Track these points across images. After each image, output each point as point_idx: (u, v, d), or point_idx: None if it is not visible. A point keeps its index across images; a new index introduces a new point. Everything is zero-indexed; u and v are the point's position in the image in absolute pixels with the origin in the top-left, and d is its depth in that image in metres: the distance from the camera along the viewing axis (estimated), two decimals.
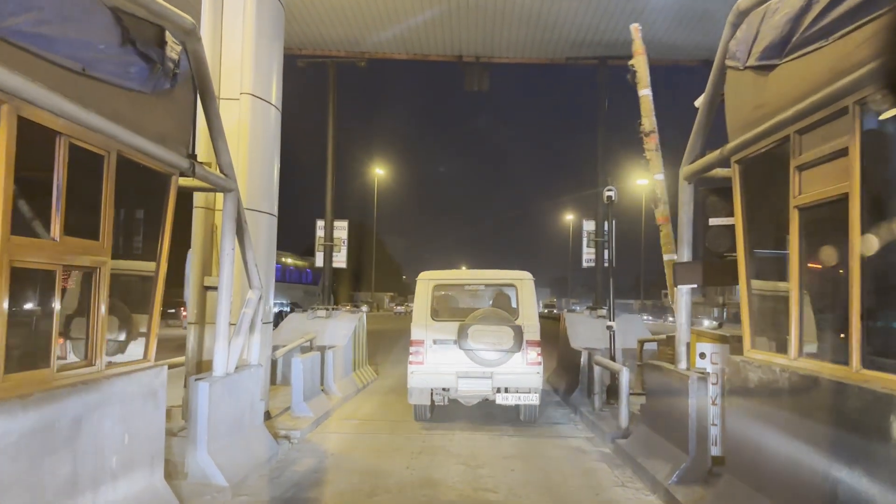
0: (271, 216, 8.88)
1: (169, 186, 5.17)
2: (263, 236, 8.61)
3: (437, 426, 9.11)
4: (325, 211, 14.53)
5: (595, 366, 9.69)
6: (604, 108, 14.50)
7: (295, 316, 14.12)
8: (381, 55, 15.06)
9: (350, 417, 9.76)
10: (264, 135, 8.78)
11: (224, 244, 6.35)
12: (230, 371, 6.49)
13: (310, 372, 9.57)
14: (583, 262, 14.60)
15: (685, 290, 6.32)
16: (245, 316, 6.93)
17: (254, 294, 7.13)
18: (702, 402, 5.84)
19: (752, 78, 4.85)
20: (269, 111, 8.87)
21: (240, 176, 8.22)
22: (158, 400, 4.94)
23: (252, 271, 7.08)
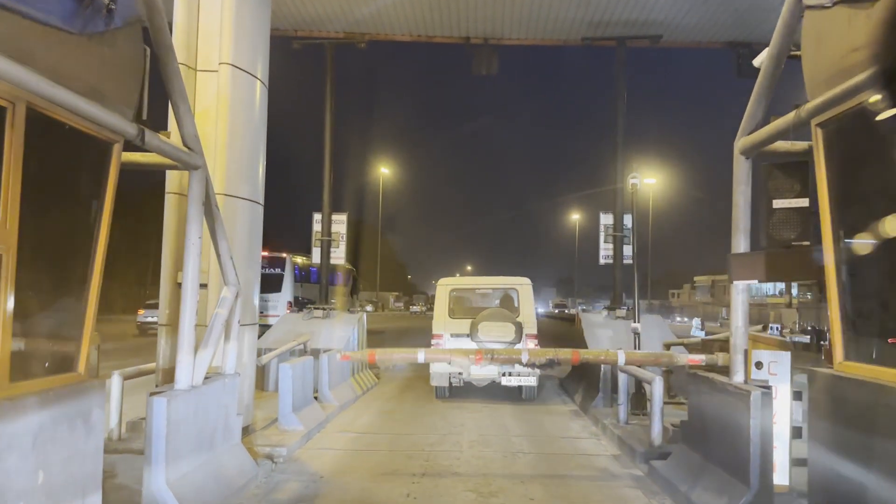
0: (254, 204, 7.87)
1: (109, 158, 4.15)
2: (243, 226, 7.60)
3: (443, 440, 8.08)
4: (322, 203, 13.51)
5: (620, 372, 8.64)
6: (623, 93, 13.40)
7: (290, 316, 13.12)
8: (383, 36, 14.01)
9: (346, 429, 8.73)
10: (247, 112, 7.77)
11: (189, 232, 5.33)
12: (197, 382, 5.47)
13: (300, 379, 8.55)
14: (600, 258, 13.52)
15: (742, 286, 5.26)
16: (218, 317, 5.91)
17: (229, 292, 6.11)
18: (767, 424, 4.78)
19: (847, 15, 3.79)
20: (252, 86, 7.86)
21: (217, 157, 7.22)
22: (92, 423, 3.93)
23: (226, 265, 6.06)
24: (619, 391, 8.68)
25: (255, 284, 8.03)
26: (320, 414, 8.99)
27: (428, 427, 8.96)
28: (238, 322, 6.31)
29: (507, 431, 8.77)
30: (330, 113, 13.48)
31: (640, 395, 9.31)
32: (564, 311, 69.39)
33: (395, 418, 9.60)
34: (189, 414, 5.24)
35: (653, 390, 7.17)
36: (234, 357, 6.25)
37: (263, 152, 8.21)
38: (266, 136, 8.30)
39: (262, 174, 8.20)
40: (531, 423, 9.37)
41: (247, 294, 7.72)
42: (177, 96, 5.03)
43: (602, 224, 13.47)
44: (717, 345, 8.16)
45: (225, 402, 5.95)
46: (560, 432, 8.80)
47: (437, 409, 10.36)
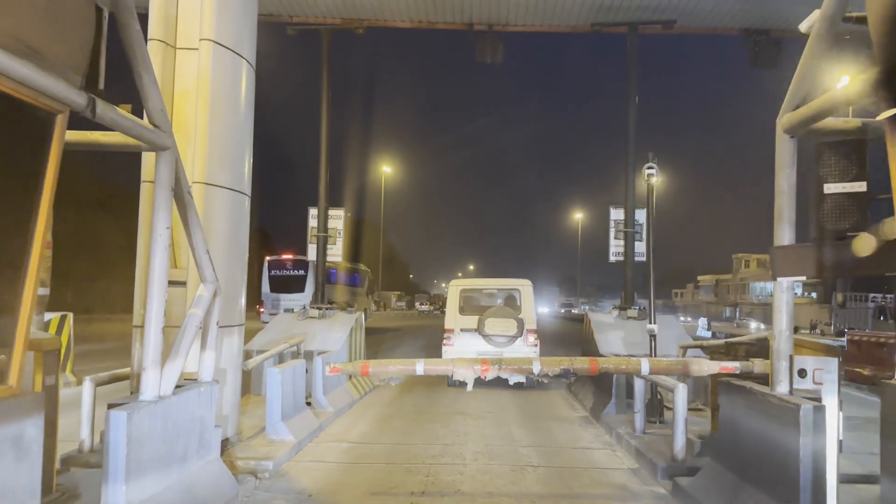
0: (240, 195, 7.22)
1: (50, 132, 3.51)
2: (226, 218, 6.95)
3: (445, 451, 7.43)
4: (318, 197, 12.86)
5: (636, 378, 7.99)
6: (634, 82, 12.73)
7: (284, 316, 12.48)
8: (382, 23, 13.36)
9: (340, 439, 8.09)
10: (231, 94, 7.12)
11: (156, 222, 4.69)
12: (166, 392, 4.83)
13: (290, 384, 7.91)
14: (609, 255, 12.85)
15: (786, 284, 4.61)
16: (192, 318, 5.27)
17: (205, 290, 5.47)
18: (819, 443, 4.13)
19: None
20: (238, 66, 7.21)
21: (198, 143, 6.59)
22: (23, 447, 3.28)
23: (202, 260, 5.41)
24: (634, 398, 8.04)
25: (242, 282, 7.39)
26: (313, 422, 8.35)
27: (429, 436, 8.32)
28: (217, 323, 5.66)
29: (514, 441, 8.12)
30: (326, 103, 12.83)
31: (656, 401, 8.67)
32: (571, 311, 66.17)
33: (393, 426, 8.95)
34: (155, 428, 4.61)
35: (675, 399, 6.52)
36: (211, 363, 5.61)
37: (250, 139, 7.56)
38: (253, 121, 7.65)
39: (248, 163, 7.55)
40: (539, 432, 8.73)
41: (231, 292, 7.09)
42: (139, 65, 4.38)
43: (612, 219, 12.82)
44: (742, 348, 7.49)
45: (200, 414, 5.31)
46: (571, 442, 8.15)
47: (439, 416, 9.72)
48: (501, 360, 5.25)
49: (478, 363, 5.14)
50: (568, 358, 5.26)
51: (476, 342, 11.87)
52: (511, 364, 5.19)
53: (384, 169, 71.71)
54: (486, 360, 5.20)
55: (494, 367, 5.11)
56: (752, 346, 7.51)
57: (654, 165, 8.87)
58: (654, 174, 8.77)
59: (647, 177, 8.82)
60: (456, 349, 11.98)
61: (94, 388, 6.60)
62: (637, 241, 12.51)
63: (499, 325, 11.71)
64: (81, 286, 39.23)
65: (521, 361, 5.27)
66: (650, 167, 8.85)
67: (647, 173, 8.82)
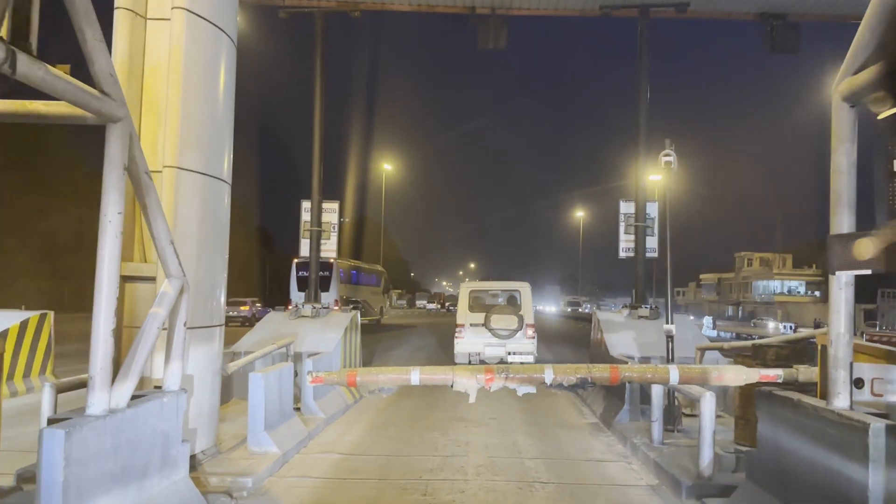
0: (217, 181, 6.53)
1: None
2: (202, 206, 6.26)
3: (445, 464, 6.76)
4: (311, 190, 12.17)
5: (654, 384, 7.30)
6: (646, 68, 12.03)
7: (275, 315, 11.81)
8: (379, 6, 12.66)
9: (329, 450, 7.41)
10: (208, 69, 6.44)
11: (105, 206, 4.00)
12: (119, 405, 4.15)
13: (276, 390, 7.23)
14: (619, 251, 12.16)
15: (845, 279, 3.92)
16: (153, 319, 4.59)
17: (170, 286, 4.79)
18: (894, 467, 3.44)
19: None
20: (216, 39, 6.53)
21: (169, 122, 5.93)
22: None
23: (165, 251, 4.73)
24: (652, 405, 7.35)
25: (221, 278, 6.70)
26: (300, 430, 7.67)
27: (427, 446, 7.64)
28: (185, 325, 4.99)
29: (520, 452, 7.44)
30: (320, 91, 12.13)
31: (673, 408, 7.99)
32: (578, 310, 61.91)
33: (389, 434, 8.27)
34: (104, 446, 3.93)
35: (701, 409, 5.83)
36: (177, 369, 4.94)
37: (230, 121, 6.88)
38: (234, 101, 6.96)
39: (229, 148, 6.87)
40: (546, 441, 8.05)
41: (207, 289, 6.42)
42: (81, 18, 3.69)
43: (622, 213, 12.12)
44: (771, 351, 6.80)
45: (163, 428, 4.64)
46: (582, 453, 7.47)
47: (438, 422, 9.04)
48: (509, 367, 4.58)
49: (481, 371, 4.47)
50: (584, 365, 4.58)
51: (483, 335, 14.09)
52: (519, 372, 4.52)
53: (385, 167, 71.12)
54: (492, 367, 4.53)
55: (500, 375, 4.44)
56: (782, 348, 6.83)
57: (671, 153, 8.17)
58: (672, 161, 8.07)
59: (665, 164, 8.12)
60: (466, 341, 14.26)
61: (54, 394, 5.90)
62: (648, 235, 11.82)
63: (502, 320, 13.97)
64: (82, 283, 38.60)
65: (531, 369, 4.59)
66: (667, 154, 8.16)
67: (665, 161, 8.12)
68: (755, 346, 7.08)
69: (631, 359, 9.27)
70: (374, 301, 36.50)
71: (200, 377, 6.41)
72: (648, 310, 11.39)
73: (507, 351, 13.88)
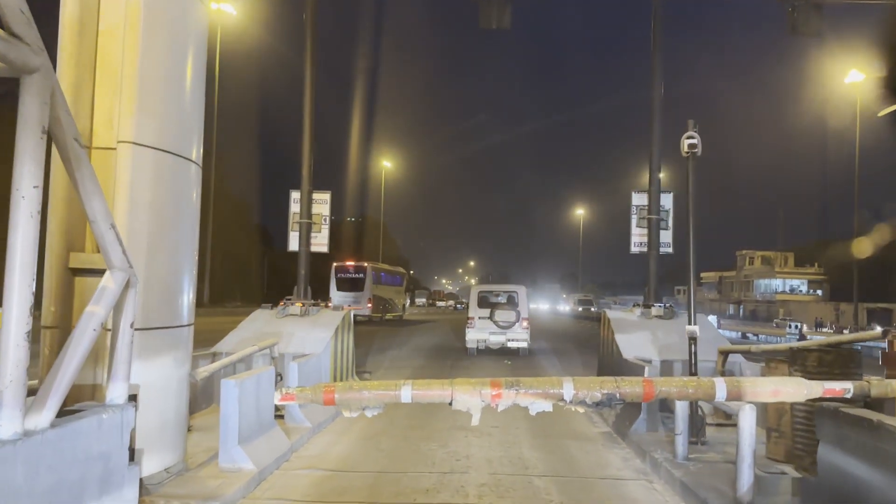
0: (182, 160, 5.71)
1: None
2: (159, 188, 5.44)
3: (442, 483, 5.96)
4: (301, 180, 11.36)
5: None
6: (660, 46, 11.20)
7: (261, 314, 11.00)
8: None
9: (313, 465, 6.61)
10: (173, 32, 5.62)
11: (18, 178, 3.19)
12: (40, 425, 3.35)
13: (253, 398, 6.43)
14: (631, 245, 11.36)
15: None
16: (89, 319, 3.80)
17: (112, 280, 3.99)
18: None
19: None
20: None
21: (124, 89, 5.15)
22: None
23: (105, 238, 3.93)
24: (675, 415, 6.55)
25: (188, 272, 5.89)
26: (282, 442, 6.87)
27: (422, 460, 6.84)
28: (132, 326, 4.19)
29: (526, 468, 6.64)
30: (311, 70, 11.29)
31: (695, 417, 7.20)
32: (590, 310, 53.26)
33: (381, 446, 7.47)
34: (14, 482, 3.14)
35: (740, 424, 5.02)
36: (122, 379, 4.14)
37: (201, 94, 6.07)
38: (206, 72, 6.15)
39: (199, 124, 6.06)
40: (555, 454, 7.25)
41: (171, 284, 5.62)
42: None
43: (634, 205, 11.31)
44: (812, 356, 6.01)
45: (102, 450, 3.84)
46: (596, 469, 6.67)
47: (436, 431, 8.23)
48: (520, 381, 3.79)
49: (486, 385, 3.68)
50: (612, 379, 3.78)
51: (488, 326, 18.01)
52: (532, 387, 3.72)
53: (384, 163, 70.45)
54: (499, 381, 3.74)
55: (510, 391, 3.66)
56: (826, 353, 6.04)
57: (695, 135, 7.37)
58: (696, 144, 7.27)
59: (688, 148, 7.31)
60: (476, 330, 18.18)
61: None
62: (663, 229, 11.01)
63: (503, 314, 17.98)
64: None
65: (547, 383, 3.80)
66: (691, 136, 7.35)
67: (688, 144, 7.31)
68: (793, 351, 6.29)
69: (647, 362, 8.47)
70: (398, 299, 42.10)
71: (164, 384, 5.61)
72: (663, 309, 10.59)
73: (506, 338, 18.04)
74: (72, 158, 3.59)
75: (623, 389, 3.69)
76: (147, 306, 5.31)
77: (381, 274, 38.91)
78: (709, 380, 3.82)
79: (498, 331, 17.83)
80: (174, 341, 5.64)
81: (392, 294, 40.54)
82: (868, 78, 37.23)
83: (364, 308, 34.06)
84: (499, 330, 17.82)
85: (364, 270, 35.09)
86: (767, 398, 3.87)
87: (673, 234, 11.18)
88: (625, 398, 3.75)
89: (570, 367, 16.14)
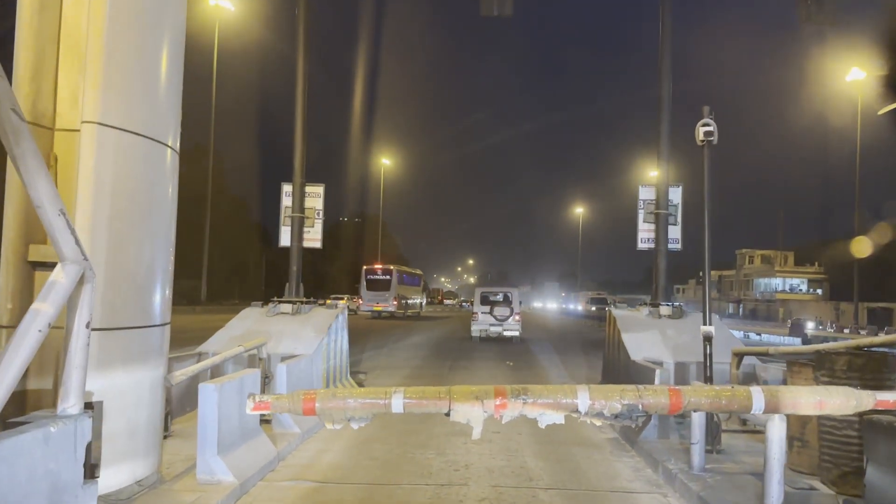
0: (155, 144, 5.21)
1: None
2: (126, 173, 4.95)
3: (440, 496, 5.48)
4: (293, 172, 10.86)
5: None
6: (668, 28, 10.72)
7: (251, 312, 10.52)
8: None
9: (300, 476, 6.12)
10: (144, 2, 5.13)
11: None
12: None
13: (235, 404, 5.94)
14: (638, 241, 10.87)
15: None
16: (34, 318, 3.31)
17: (64, 273, 3.50)
18: None
19: None
20: None
21: (89, 63, 4.65)
22: None
23: (54, 226, 3.43)
24: (691, 423, 6.07)
25: (162, 267, 5.40)
26: (267, 451, 6.39)
27: (418, 470, 6.36)
28: (87, 326, 3.69)
29: (530, 479, 6.16)
30: (303, 55, 10.78)
31: (710, 423, 6.71)
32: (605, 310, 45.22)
33: (374, 454, 6.99)
34: None
35: (769, 434, 4.53)
36: (77, 385, 3.65)
37: (178, 73, 5.57)
38: (184, 48, 5.66)
39: (176, 106, 5.57)
40: (560, 463, 6.78)
41: (141, 280, 5.12)
42: None
43: (641, 200, 10.82)
44: (841, 360, 5.53)
45: (49, 468, 3.35)
46: (605, 480, 6.19)
47: (433, 438, 7.74)
48: (527, 389, 3.30)
49: (489, 395, 3.20)
50: (633, 387, 3.30)
51: (489, 319, 22.76)
52: (542, 396, 3.24)
53: (383, 161, 70.01)
54: (503, 389, 3.26)
55: (516, 400, 3.18)
56: (856, 356, 5.56)
57: (710, 122, 6.88)
58: (712, 132, 6.79)
59: (704, 136, 6.83)
60: (479, 321, 23.01)
61: None
62: (671, 224, 10.53)
63: (500, 310, 22.76)
64: None
65: (558, 391, 3.32)
66: (706, 124, 6.87)
67: (703, 131, 6.83)
68: (820, 354, 5.80)
69: (658, 365, 7.99)
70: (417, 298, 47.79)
71: (134, 390, 5.13)
72: (671, 308, 10.11)
73: (503, 329, 22.80)
74: (9, 132, 3.10)
75: (646, 400, 3.21)
76: (114, 304, 4.84)
77: (404, 276, 43.80)
78: (744, 389, 3.35)
79: (496, 323, 22.76)
80: (145, 342, 5.15)
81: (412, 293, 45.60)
82: (869, 76, 36.74)
83: (390, 305, 39.70)
84: (497, 322, 22.75)
85: (390, 273, 40.09)
86: (810, 410, 3.39)
87: (682, 229, 10.71)
88: (648, 410, 3.27)
89: (574, 369, 15.67)
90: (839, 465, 5.37)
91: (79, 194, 4.69)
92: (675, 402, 3.23)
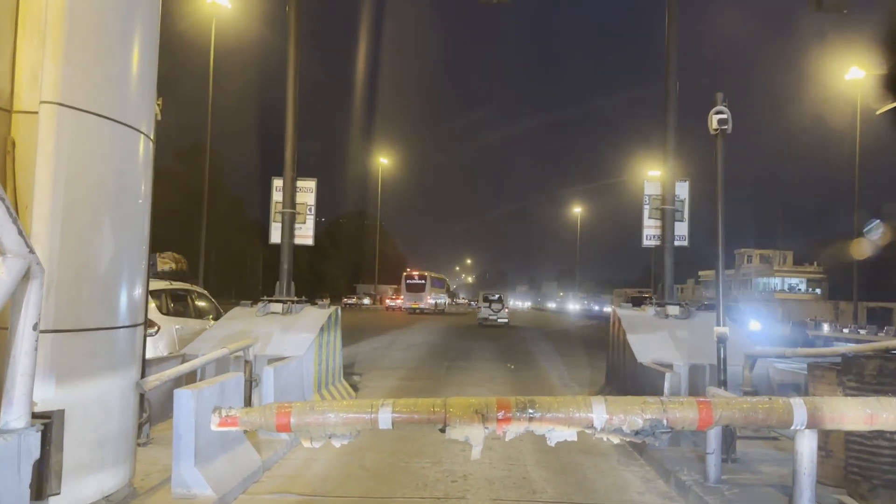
0: (126, 129, 4.76)
1: None
2: (87, 160, 4.50)
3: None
4: (283, 165, 10.42)
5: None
6: (675, 13, 10.29)
7: (239, 311, 10.08)
8: None
9: (285, 488, 5.69)
10: None
11: None
12: None
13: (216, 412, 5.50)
14: (643, 238, 10.45)
15: None
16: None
17: (4, 268, 3.06)
18: None
19: None
20: None
21: (49, 38, 4.24)
22: None
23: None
24: (707, 432, 5.63)
25: (133, 262, 4.96)
26: (250, 460, 5.95)
27: (412, 482, 5.93)
28: (34, 328, 3.26)
29: (533, 491, 5.74)
30: (294, 43, 10.32)
31: (727, 432, 6.29)
32: None
33: (366, 463, 6.55)
34: None
35: (798, 448, 4.10)
36: (23, 395, 3.21)
37: (153, 53, 5.13)
38: (159, 25, 5.22)
39: (150, 88, 5.13)
40: (565, 473, 6.35)
41: (108, 276, 4.68)
42: None
43: (646, 195, 10.40)
44: (871, 364, 5.10)
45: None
46: (613, 493, 5.77)
47: (429, 445, 7.29)
48: (534, 401, 2.87)
49: (492, 407, 2.78)
50: (656, 399, 2.87)
51: (488, 310, 36.30)
52: (550, 410, 2.81)
53: (381, 160, 69.51)
54: (507, 402, 2.83)
55: (521, 415, 2.75)
56: (888, 360, 5.13)
57: (724, 109, 6.46)
58: (726, 119, 6.36)
59: (717, 124, 6.41)
60: (482, 312, 36.77)
61: None
62: (678, 220, 10.11)
63: (496, 306, 36.55)
64: None
65: (570, 403, 2.89)
66: (720, 112, 6.44)
67: (717, 119, 6.41)
68: (846, 358, 5.38)
69: (668, 367, 7.56)
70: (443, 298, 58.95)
71: (102, 397, 4.68)
72: (679, 308, 9.69)
73: (497, 318, 35.82)
74: None
75: (672, 414, 2.79)
76: (77, 303, 4.39)
77: (434, 280, 56.58)
78: (784, 402, 2.92)
79: (493, 313, 36.07)
80: (113, 345, 4.71)
81: (440, 294, 58.27)
82: (869, 75, 36.35)
83: (425, 305, 52.55)
84: (493, 313, 36.08)
85: (425, 278, 53.86)
86: (859, 425, 2.96)
87: (689, 226, 10.28)
88: (674, 426, 2.85)
89: (576, 371, 15.27)
90: (869, 478, 4.94)
91: (37, 181, 4.25)
92: (704, 417, 2.81)
